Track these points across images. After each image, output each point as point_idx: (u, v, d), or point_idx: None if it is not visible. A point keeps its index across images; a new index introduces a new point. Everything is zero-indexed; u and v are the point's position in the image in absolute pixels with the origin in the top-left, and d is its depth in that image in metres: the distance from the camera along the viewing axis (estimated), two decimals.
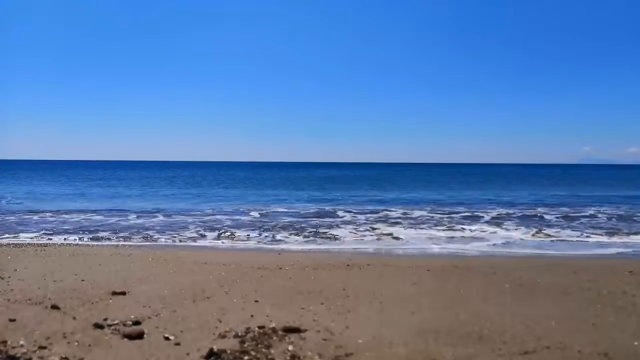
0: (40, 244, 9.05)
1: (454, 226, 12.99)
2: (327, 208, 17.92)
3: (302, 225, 12.96)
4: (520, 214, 16.01)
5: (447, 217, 14.89)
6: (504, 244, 10.39)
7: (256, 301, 4.50)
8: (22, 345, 3.17)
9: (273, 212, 16.49)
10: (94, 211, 16.06)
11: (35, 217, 14.18)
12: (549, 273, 6.09)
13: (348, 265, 6.63)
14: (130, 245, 9.31)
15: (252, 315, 3.99)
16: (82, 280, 5.28)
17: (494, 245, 10.21)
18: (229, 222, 13.52)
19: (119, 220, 13.68)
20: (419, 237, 11.13)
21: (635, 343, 3.43)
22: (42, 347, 3.14)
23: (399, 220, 14.32)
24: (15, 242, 9.43)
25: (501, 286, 5.32)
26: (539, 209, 17.57)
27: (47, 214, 15.08)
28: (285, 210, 17.16)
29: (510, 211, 16.72)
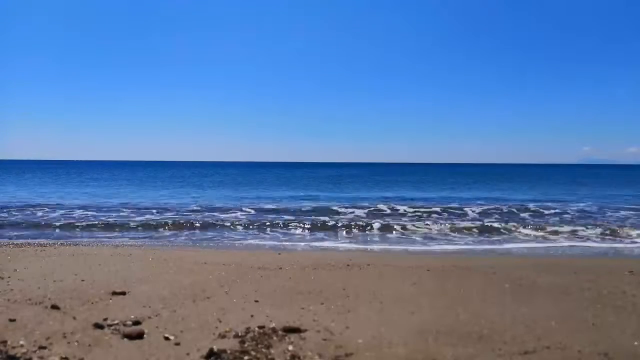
0: (40, 244, 9.04)
1: (453, 225, 12.99)
2: (326, 207, 17.90)
3: (302, 225, 12.96)
4: (520, 212, 16.02)
5: (445, 217, 14.89)
6: (502, 243, 10.40)
7: (256, 301, 4.50)
8: (22, 345, 3.17)
9: (272, 211, 16.48)
10: (94, 209, 16.07)
11: (42, 214, 14.19)
12: (549, 273, 6.09)
13: (348, 265, 6.63)
14: (130, 245, 9.31)
15: (252, 315, 3.99)
16: (82, 280, 5.27)
17: (493, 244, 10.22)
18: (227, 222, 13.52)
19: (112, 220, 13.69)
20: (419, 237, 11.13)
21: (635, 343, 3.43)
22: (42, 347, 3.14)
23: (398, 219, 14.32)
24: (15, 242, 9.43)
25: (501, 286, 5.32)
26: (535, 208, 17.57)
27: (58, 210, 15.09)
28: (285, 209, 17.13)
29: (511, 208, 16.74)
